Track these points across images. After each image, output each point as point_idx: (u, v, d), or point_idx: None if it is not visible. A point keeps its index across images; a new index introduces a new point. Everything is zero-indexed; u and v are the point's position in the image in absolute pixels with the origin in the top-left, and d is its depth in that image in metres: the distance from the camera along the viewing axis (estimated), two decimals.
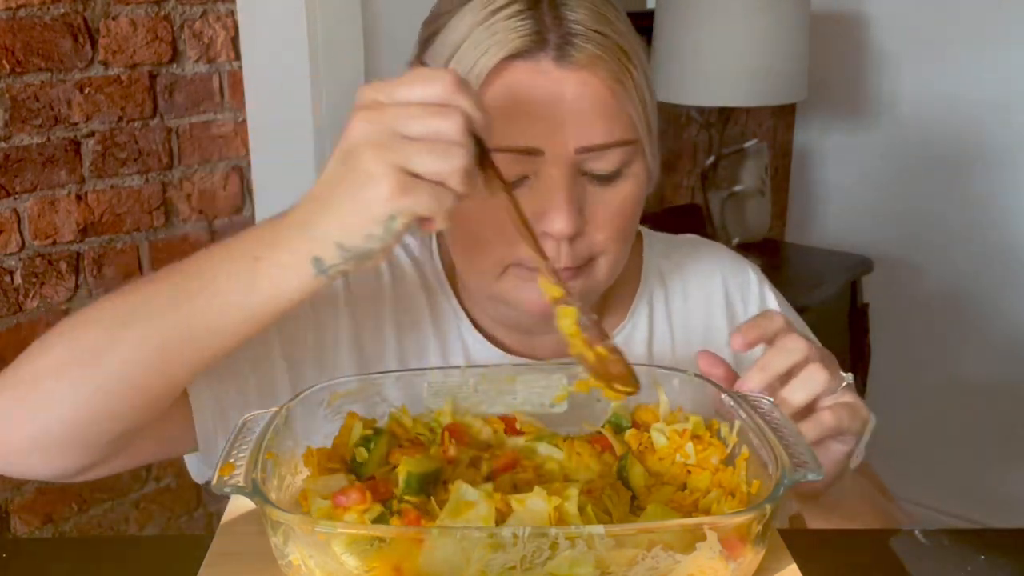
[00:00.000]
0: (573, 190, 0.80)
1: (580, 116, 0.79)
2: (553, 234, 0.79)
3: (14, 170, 1.42)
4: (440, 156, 0.61)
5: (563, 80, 0.78)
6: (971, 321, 2.56)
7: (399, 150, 0.61)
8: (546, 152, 0.79)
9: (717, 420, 0.73)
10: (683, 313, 0.99)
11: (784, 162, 2.80)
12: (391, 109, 0.62)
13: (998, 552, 0.72)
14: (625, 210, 0.84)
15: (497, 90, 0.79)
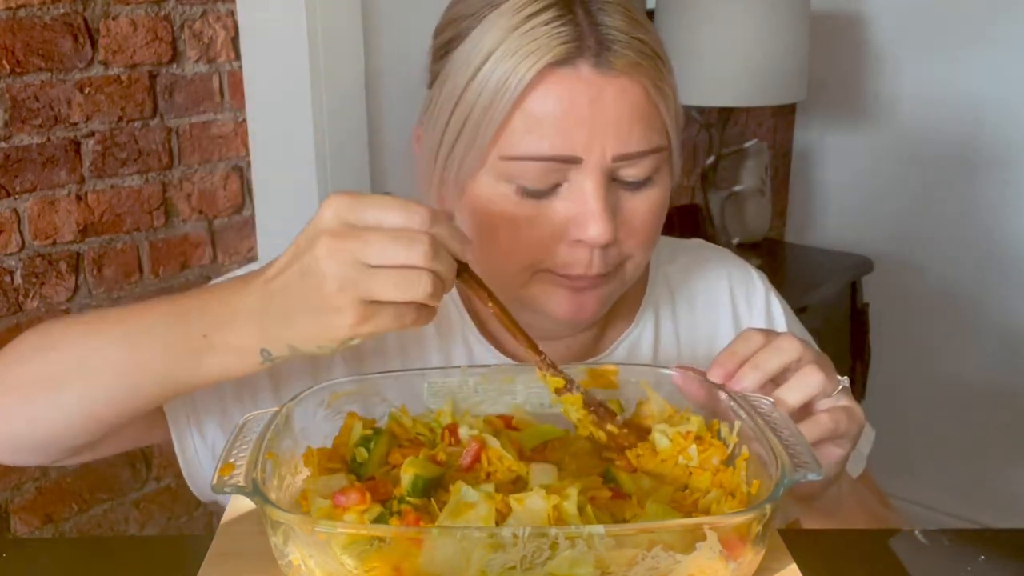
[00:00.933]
0: (608, 198, 0.79)
1: (619, 124, 0.78)
2: (588, 241, 0.79)
3: (14, 170, 1.42)
4: (405, 285, 0.62)
5: (603, 87, 0.77)
6: (971, 321, 2.56)
7: (363, 282, 0.61)
8: (585, 160, 0.78)
9: (717, 420, 0.73)
10: (689, 320, 0.98)
11: (784, 162, 2.80)
12: (359, 238, 0.62)
13: (998, 552, 0.72)
14: (653, 216, 0.83)
15: (536, 97, 0.77)
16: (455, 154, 0.81)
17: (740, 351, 0.75)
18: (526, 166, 0.78)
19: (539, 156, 0.78)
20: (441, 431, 0.74)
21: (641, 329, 0.97)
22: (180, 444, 0.86)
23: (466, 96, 0.79)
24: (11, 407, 0.77)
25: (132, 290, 1.58)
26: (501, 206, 0.80)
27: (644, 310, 0.97)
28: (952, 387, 2.59)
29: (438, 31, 0.85)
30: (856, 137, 2.67)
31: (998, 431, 2.56)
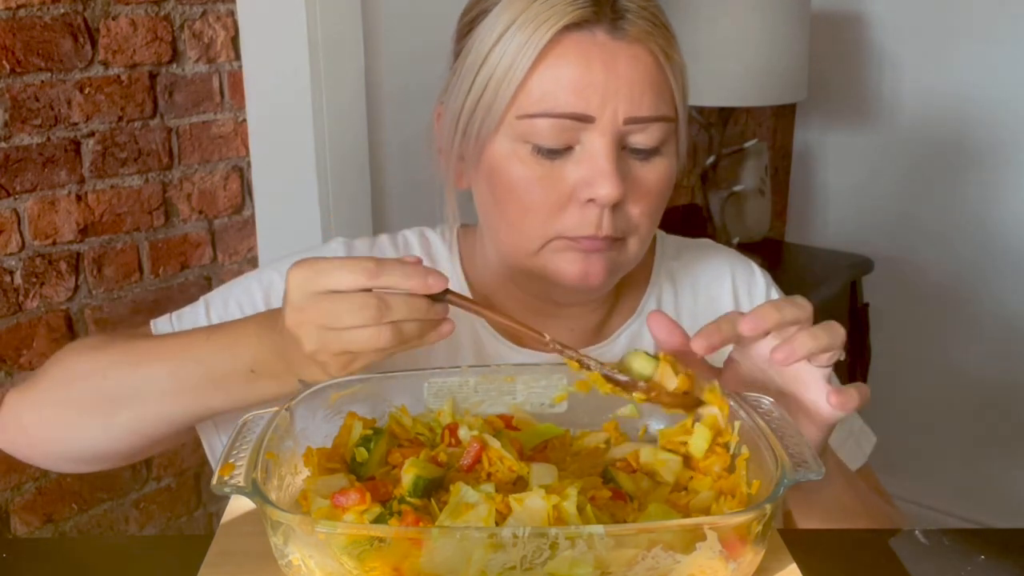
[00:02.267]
0: (618, 158, 0.82)
1: (632, 87, 0.82)
2: (599, 199, 0.82)
3: (14, 170, 1.42)
4: (367, 340, 0.68)
5: (617, 51, 0.82)
6: (971, 321, 2.56)
7: (332, 342, 0.68)
8: (597, 120, 0.81)
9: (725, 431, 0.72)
10: (692, 312, 0.99)
11: (784, 162, 2.80)
12: (318, 304, 0.68)
13: (998, 552, 0.72)
14: (660, 188, 0.86)
15: (553, 59, 0.82)
16: (476, 117, 0.85)
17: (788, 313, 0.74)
18: (541, 124, 0.82)
19: (554, 113, 0.82)
20: (441, 431, 0.74)
21: (643, 321, 0.97)
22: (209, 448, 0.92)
23: (488, 61, 0.84)
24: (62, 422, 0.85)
25: (132, 290, 1.58)
26: (516, 167, 0.84)
27: (646, 302, 0.99)
28: (952, 387, 2.59)
29: (464, 13, 0.90)
30: (856, 137, 2.67)
31: (998, 431, 2.56)
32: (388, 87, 1.73)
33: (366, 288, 0.67)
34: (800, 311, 0.74)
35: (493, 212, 0.88)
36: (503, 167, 0.84)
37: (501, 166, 0.85)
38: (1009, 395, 2.51)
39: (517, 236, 0.86)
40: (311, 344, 0.69)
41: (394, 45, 1.73)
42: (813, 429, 0.77)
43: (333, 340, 0.68)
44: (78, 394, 0.84)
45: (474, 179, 0.89)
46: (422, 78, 0.89)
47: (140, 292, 1.59)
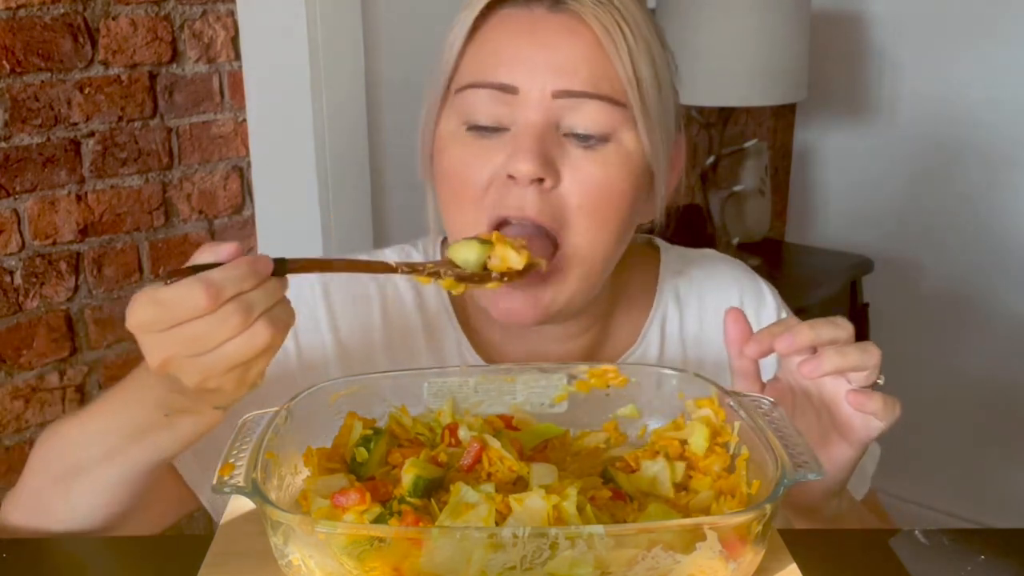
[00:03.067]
0: (542, 135, 0.79)
1: (563, 61, 0.79)
2: (516, 175, 0.79)
3: (14, 170, 1.42)
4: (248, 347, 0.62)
5: (551, 25, 0.80)
6: (971, 321, 2.56)
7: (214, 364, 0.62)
8: (521, 90, 0.79)
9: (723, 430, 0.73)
10: (697, 336, 0.97)
11: (784, 162, 2.80)
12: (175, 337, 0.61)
13: (998, 552, 0.72)
14: (607, 186, 0.81)
15: (486, 32, 0.81)
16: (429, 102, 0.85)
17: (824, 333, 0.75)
18: (472, 96, 0.81)
19: (481, 83, 0.80)
20: (441, 431, 0.74)
21: (646, 347, 0.95)
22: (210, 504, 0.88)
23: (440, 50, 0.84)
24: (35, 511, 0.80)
25: (132, 290, 1.58)
26: (455, 147, 0.83)
27: (650, 327, 0.96)
28: (952, 387, 2.59)
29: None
30: (856, 137, 2.67)
31: (998, 431, 2.56)
32: (388, 87, 1.73)
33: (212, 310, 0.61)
34: (837, 331, 0.74)
35: (441, 202, 0.86)
36: (444, 148, 0.83)
37: (443, 148, 0.84)
38: (1009, 395, 2.51)
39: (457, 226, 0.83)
40: (193, 377, 0.63)
41: (394, 45, 1.73)
42: (845, 446, 0.78)
43: (215, 361, 0.62)
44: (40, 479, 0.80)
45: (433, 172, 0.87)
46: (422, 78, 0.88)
47: None
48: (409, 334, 0.92)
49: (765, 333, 0.77)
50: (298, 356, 0.90)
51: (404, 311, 0.93)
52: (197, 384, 0.64)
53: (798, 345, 0.74)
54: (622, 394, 0.78)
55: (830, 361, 0.74)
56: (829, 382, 0.76)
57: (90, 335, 1.54)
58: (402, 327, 0.92)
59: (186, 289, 0.60)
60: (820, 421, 0.79)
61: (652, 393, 0.78)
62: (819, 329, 0.74)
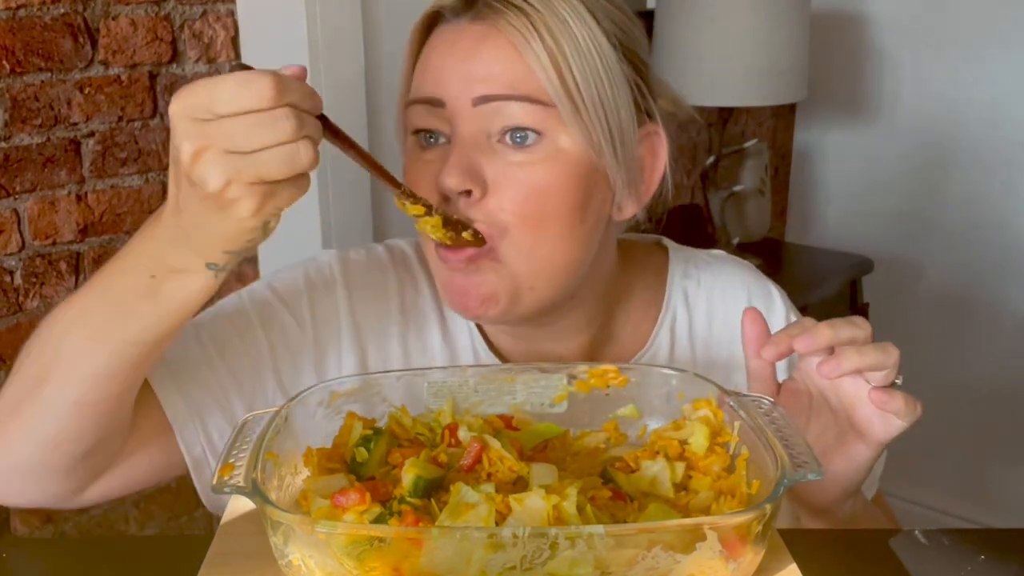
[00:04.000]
0: (470, 145, 0.80)
1: (479, 67, 0.80)
2: (443, 190, 0.80)
3: (14, 170, 1.42)
4: (288, 162, 0.60)
5: (473, 35, 0.81)
6: (971, 321, 2.56)
7: (245, 169, 0.60)
8: (447, 103, 0.81)
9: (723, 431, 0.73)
10: (706, 340, 0.96)
11: (784, 162, 2.80)
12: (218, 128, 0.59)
13: (998, 552, 0.72)
14: (538, 189, 0.80)
15: (426, 51, 0.84)
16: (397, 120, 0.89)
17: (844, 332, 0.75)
18: (411, 112, 0.84)
19: (416, 98, 0.83)
20: (441, 431, 0.74)
21: (655, 351, 0.95)
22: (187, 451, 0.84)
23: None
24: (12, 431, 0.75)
25: None
26: (407, 161, 0.86)
27: (659, 331, 0.95)
28: (952, 387, 2.59)
29: None
30: (856, 137, 2.67)
31: (998, 431, 2.56)
32: (388, 87, 1.73)
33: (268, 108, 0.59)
34: (856, 330, 0.75)
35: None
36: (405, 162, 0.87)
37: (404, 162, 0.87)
38: (1009, 395, 2.51)
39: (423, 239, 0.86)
40: (218, 177, 0.60)
41: (394, 45, 1.73)
42: (863, 447, 0.78)
43: (246, 166, 0.59)
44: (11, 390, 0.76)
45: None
46: None
47: None
48: (424, 327, 0.92)
49: (783, 334, 0.77)
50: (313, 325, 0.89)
51: (419, 303, 0.93)
52: (218, 191, 0.60)
53: (817, 345, 0.74)
54: (622, 394, 0.78)
55: (849, 360, 0.74)
56: (848, 382, 0.76)
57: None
58: (417, 319, 0.92)
59: (254, 77, 0.58)
60: (837, 421, 0.79)
61: (652, 393, 0.78)
62: (838, 329, 0.74)
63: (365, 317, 0.91)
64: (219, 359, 0.85)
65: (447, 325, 0.93)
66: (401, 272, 0.94)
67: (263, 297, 0.89)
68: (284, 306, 0.89)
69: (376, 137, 1.74)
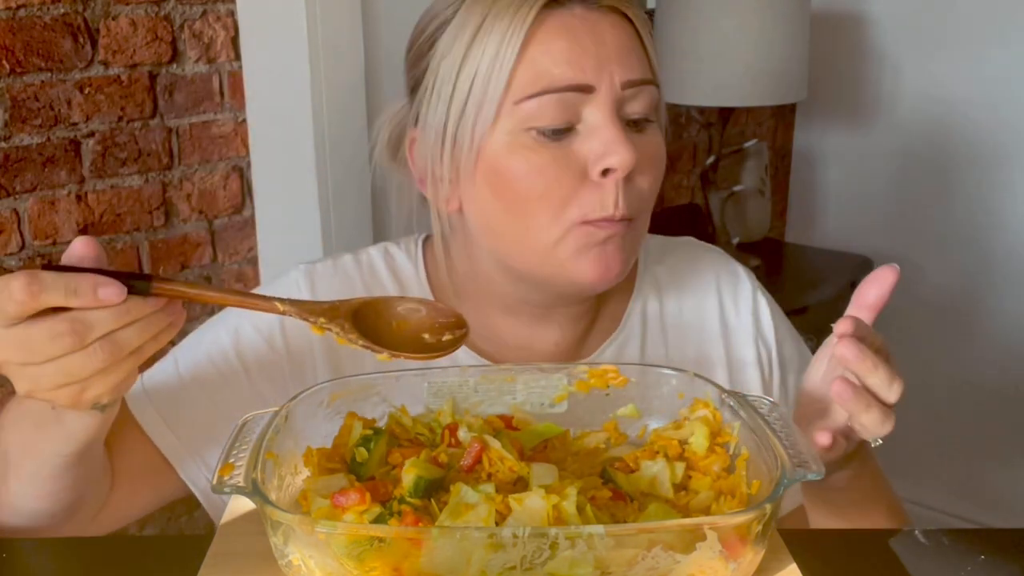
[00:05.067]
0: (619, 127, 0.82)
1: (620, 52, 0.82)
2: (617, 168, 0.81)
3: (14, 170, 1.42)
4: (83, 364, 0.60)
5: (598, 21, 0.82)
6: (971, 321, 2.56)
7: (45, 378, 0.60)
8: (597, 88, 0.81)
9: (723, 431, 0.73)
10: (677, 322, 0.98)
11: (784, 162, 2.80)
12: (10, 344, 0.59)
13: (998, 552, 0.72)
14: (659, 158, 0.86)
15: (540, 39, 0.81)
16: (466, 120, 0.83)
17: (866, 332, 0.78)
18: (542, 103, 0.81)
19: (554, 88, 0.81)
20: (441, 431, 0.74)
21: (628, 333, 0.97)
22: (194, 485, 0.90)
23: (468, 61, 0.82)
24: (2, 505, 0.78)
25: None
26: (522, 156, 0.82)
27: (631, 313, 0.97)
28: (952, 387, 2.59)
29: (414, 38, 0.89)
30: (856, 137, 2.67)
31: (998, 431, 2.56)
32: (388, 87, 1.73)
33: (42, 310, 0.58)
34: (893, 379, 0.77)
35: (499, 217, 0.84)
36: (507, 162, 0.82)
37: (504, 162, 0.82)
38: (1009, 394, 2.51)
39: (533, 234, 0.83)
40: (23, 385, 0.61)
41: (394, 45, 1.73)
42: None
43: (43, 376, 0.60)
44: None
45: (469, 192, 0.85)
46: None
47: None
48: None
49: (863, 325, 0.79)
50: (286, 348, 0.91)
51: None
52: (28, 393, 0.62)
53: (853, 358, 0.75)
54: (622, 394, 0.78)
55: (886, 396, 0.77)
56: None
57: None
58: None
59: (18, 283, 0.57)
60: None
61: (652, 393, 0.78)
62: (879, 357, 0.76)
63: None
64: (199, 391, 0.87)
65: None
66: (368, 279, 0.95)
67: (235, 324, 0.91)
68: (256, 331, 0.91)
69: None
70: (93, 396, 0.62)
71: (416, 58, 0.88)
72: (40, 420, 0.70)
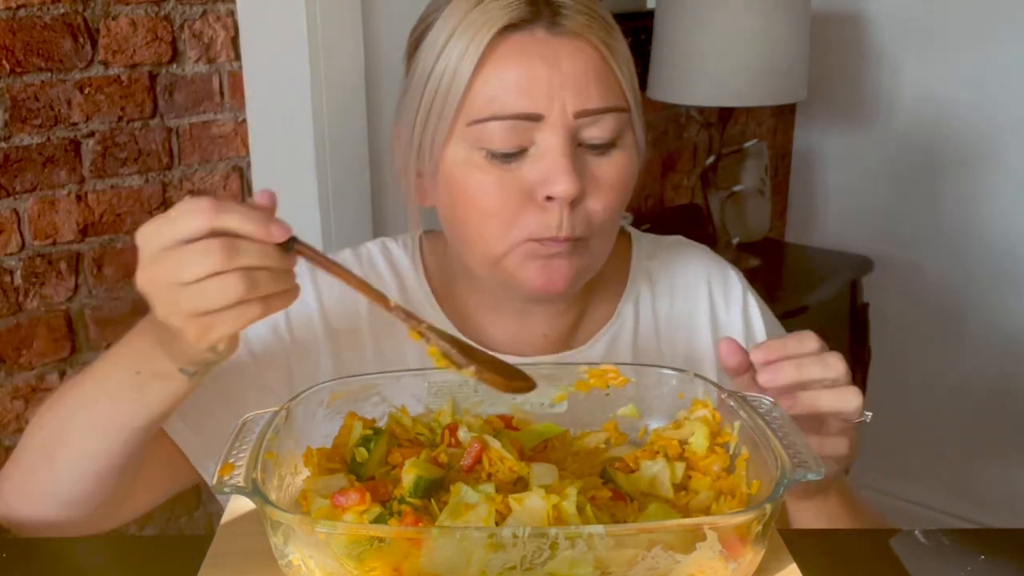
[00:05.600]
0: (573, 154, 0.82)
1: (576, 81, 0.81)
2: (557, 196, 0.81)
3: (14, 170, 1.42)
4: (220, 292, 0.62)
5: (558, 48, 0.82)
6: (971, 321, 2.56)
7: (183, 301, 0.62)
8: (546, 117, 0.81)
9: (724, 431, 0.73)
10: (668, 314, 1.00)
11: (784, 162, 2.80)
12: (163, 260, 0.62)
13: (998, 552, 0.72)
14: (621, 181, 0.86)
15: (494, 62, 0.82)
16: (428, 129, 0.85)
17: (790, 346, 0.75)
18: (491, 128, 0.82)
19: (502, 115, 0.81)
20: (441, 431, 0.74)
21: (621, 322, 0.98)
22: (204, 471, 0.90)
23: (435, 71, 0.84)
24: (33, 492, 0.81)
25: (132, 290, 1.58)
26: (473, 174, 0.83)
27: (624, 304, 0.98)
28: (952, 387, 2.59)
29: (412, 31, 0.90)
30: (856, 137, 2.67)
31: (998, 431, 2.56)
32: (388, 87, 1.73)
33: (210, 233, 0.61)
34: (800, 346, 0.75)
35: (455, 223, 0.88)
36: (460, 176, 0.84)
37: (457, 176, 0.84)
38: (1009, 395, 2.51)
39: (482, 246, 0.86)
40: (163, 306, 0.64)
41: (394, 45, 1.73)
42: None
43: (184, 298, 0.62)
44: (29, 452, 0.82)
45: (433, 193, 0.89)
46: None
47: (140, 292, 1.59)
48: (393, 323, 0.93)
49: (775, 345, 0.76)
50: (291, 336, 0.92)
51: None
52: (164, 317, 0.64)
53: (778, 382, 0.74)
54: (622, 394, 0.78)
55: (786, 373, 0.74)
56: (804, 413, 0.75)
57: (90, 335, 1.54)
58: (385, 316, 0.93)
59: (191, 204, 0.61)
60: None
61: (652, 393, 0.78)
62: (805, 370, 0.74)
63: (337, 319, 0.93)
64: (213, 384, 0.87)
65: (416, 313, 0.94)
66: (367, 271, 0.96)
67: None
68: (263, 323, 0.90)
69: (376, 138, 1.74)
70: (216, 336, 0.64)
71: (408, 52, 0.90)
72: (119, 389, 0.74)
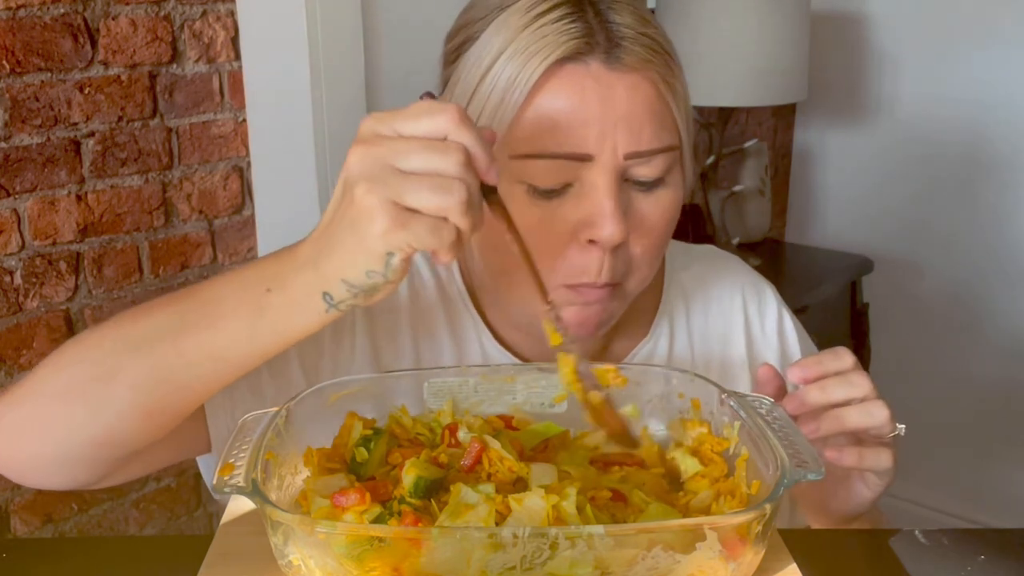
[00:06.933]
0: (620, 197, 0.77)
1: (630, 121, 0.77)
2: (601, 241, 0.77)
3: (14, 170, 1.42)
4: (437, 191, 0.59)
5: (613, 84, 0.76)
6: (971, 321, 2.56)
7: (394, 184, 0.59)
8: (596, 158, 0.76)
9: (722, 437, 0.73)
10: (703, 331, 0.97)
11: (784, 162, 2.80)
12: (388, 143, 0.60)
13: (998, 552, 0.72)
14: (664, 220, 0.82)
15: (546, 94, 0.76)
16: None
17: (826, 363, 0.75)
18: (536, 164, 0.77)
19: (550, 153, 0.76)
20: (441, 431, 0.74)
21: (656, 341, 0.95)
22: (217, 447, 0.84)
23: (477, 96, 0.78)
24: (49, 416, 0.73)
25: (132, 290, 1.58)
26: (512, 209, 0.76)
27: (659, 322, 0.96)
28: (952, 387, 2.59)
29: (449, 36, 0.85)
30: (856, 137, 2.67)
31: (998, 431, 2.56)
32: (388, 87, 1.73)
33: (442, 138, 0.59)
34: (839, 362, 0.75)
35: (489, 254, 0.83)
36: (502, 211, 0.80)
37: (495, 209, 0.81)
38: (1010, 395, 2.51)
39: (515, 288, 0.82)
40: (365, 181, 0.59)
41: (394, 45, 1.73)
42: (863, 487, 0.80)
43: (395, 182, 0.58)
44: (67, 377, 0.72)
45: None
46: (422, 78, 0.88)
47: (140, 292, 1.59)
48: (432, 318, 0.92)
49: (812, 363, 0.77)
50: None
51: (427, 294, 0.92)
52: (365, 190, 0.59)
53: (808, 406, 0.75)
54: (622, 394, 0.78)
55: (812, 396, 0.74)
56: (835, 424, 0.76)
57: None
58: (426, 310, 0.92)
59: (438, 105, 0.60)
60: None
61: (652, 393, 0.78)
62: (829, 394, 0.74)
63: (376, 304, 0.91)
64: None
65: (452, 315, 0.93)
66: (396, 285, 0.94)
67: None
68: None
69: None
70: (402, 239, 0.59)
71: (446, 60, 0.85)
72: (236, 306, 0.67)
